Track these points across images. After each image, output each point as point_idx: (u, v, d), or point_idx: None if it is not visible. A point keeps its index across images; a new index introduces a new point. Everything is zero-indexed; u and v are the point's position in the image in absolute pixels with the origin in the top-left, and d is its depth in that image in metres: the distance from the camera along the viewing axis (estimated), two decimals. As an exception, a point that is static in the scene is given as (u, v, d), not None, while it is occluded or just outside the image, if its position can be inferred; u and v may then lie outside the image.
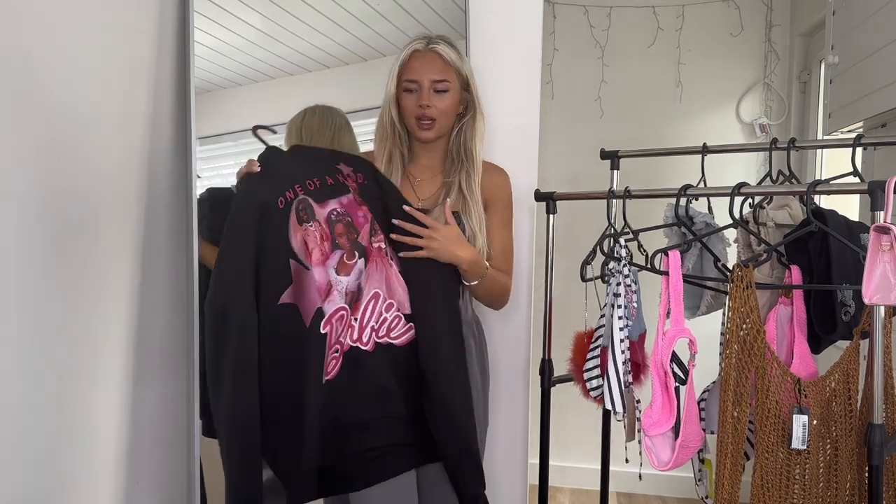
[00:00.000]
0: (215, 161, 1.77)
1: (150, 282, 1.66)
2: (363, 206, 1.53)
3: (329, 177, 1.52)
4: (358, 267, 1.49)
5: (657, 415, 1.40)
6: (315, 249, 1.46)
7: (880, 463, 1.29)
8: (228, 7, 1.75)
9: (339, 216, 1.50)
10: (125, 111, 1.59)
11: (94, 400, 1.52)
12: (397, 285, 1.53)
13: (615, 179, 2.05)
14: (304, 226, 1.46)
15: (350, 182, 1.53)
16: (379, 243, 1.53)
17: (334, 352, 1.47)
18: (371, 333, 1.50)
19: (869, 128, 2.10)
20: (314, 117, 1.83)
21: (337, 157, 1.57)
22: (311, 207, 1.48)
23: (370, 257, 1.51)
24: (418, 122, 1.60)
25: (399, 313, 1.53)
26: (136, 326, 1.62)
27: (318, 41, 1.84)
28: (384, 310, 1.52)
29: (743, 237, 1.79)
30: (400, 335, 1.53)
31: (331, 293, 1.46)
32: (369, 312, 1.50)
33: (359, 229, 1.51)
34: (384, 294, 1.52)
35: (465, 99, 1.65)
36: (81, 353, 1.48)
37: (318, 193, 1.49)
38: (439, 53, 1.60)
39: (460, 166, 1.65)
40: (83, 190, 1.47)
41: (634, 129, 3.17)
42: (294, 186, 1.48)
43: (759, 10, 3.19)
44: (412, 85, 1.59)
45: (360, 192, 1.54)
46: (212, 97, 1.73)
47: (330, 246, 1.48)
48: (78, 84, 1.44)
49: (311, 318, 1.44)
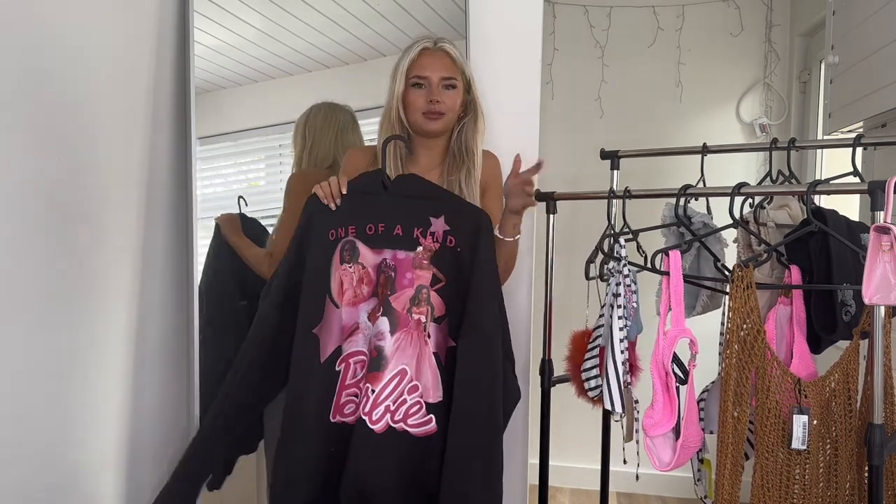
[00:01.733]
0: (215, 161, 1.77)
1: (150, 282, 1.66)
2: (426, 270, 1.45)
3: (402, 227, 1.45)
4: (381, 328, 1.42)
5: (658, 415, 1.39)
6: (349, 290, 1.44)
7: (880, 463, 1.29)
8: (228, 7, 1.75)
9: (385, 267, 1.45)
10: (125, 111, 1.58)
11: (94, 400, 1.52)
12: (427, 368, 1.43)
13: (615, 179, 2.05)
14: (343, 266, 1.44)
15: (427, 241, 1.45)
16: (420, 315, 1.43)
17: (352, 394, 1.43)
18: (385, 413, 1.40)
19: (869, 128, 2.10)
20: (318, 115, 1.83)
21: (439, 209, 1.46)
22: (357, 251, 1.45)
23: (403, 326, 1.43)
24: (426, 116, 1.59)
25: (421, 399, 1.42)
26: (136, 326, 1.62)
27: (317, 41, 1.84)
28: (406, 391, 1.42)
29: (743, 237, 1.79)
30: (417, 425, 1.42)
31: (354, 335, 1.44)
32: (390, 389, 1.41)
33: (396, 289, 1.44)
34: (411, 373, 1.42)
35: (466, 100, 1.66)
36: (81, 352, 1.48)
37: (375, 239, 1.46)
38: (448, 52, 1.63)
39: (461, 164, 1.65)
40: (83, 190, 1.47)
41: (634, 129, 3.17)
42: (348, 226, 1.45)
43: (759, 10, 3.19)
44: (421, 81, 1.60)
45: (436, 256, 1.44)
46: (212, 97, 1.73)
47: (369, 291, 1.45)
48: (78, 84, 1.44)
49: (327, 355, 1.43)
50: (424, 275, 1.44)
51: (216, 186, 1.78)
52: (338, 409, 1.44)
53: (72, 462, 1.46)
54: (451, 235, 1.45)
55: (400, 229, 1.45)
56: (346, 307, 1.44)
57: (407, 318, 1.43)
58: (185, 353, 1.72)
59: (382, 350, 1.42)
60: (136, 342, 1.62)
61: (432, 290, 1.44)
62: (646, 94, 3.26)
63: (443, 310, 1.45)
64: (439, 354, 1.44)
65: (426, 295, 1.44)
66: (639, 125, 3.20)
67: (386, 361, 1.42)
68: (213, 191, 1.76)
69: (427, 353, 1.43)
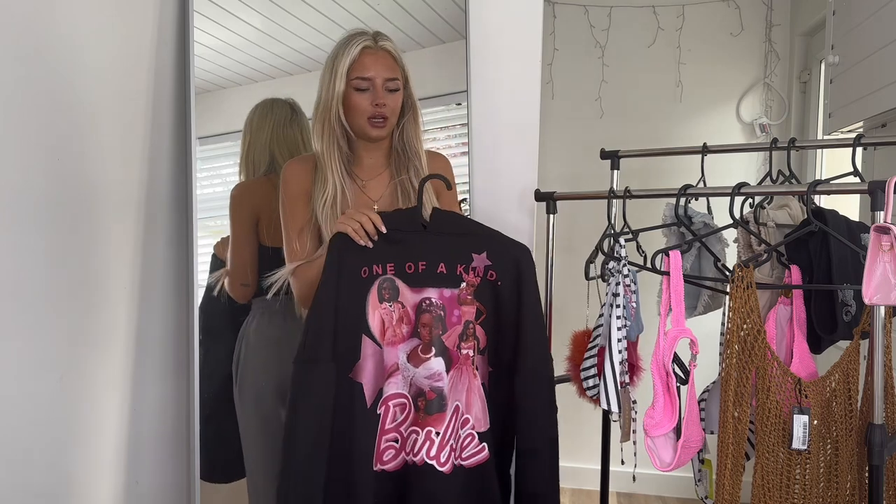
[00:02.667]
0: (215, 161, 1.77)
1: (150, 282, 1.66)
2: (470, 305, 1.44)
3: (445, 264, 1.44)
4: (436, 368, 1.41)
5: (659, 415, 1.39)
6: (389, 329, 1.42)
7: (880, 463, 1.29)
8: (228, 7, 1.75)
9: (430, 306, 1.43)
10: (125, 111, 1.59)
11: (95, 400, 1.52)
12: (476, 399, 1.43)
13: (615, 179, 2.05)
14: (383, 304, 1.42)
15: (469, 277, 1.44)
16: (468, 350, 1.43)
17: (391, 440, 1.41)
18: (450, 453, 1.40)
19: (869, 128, 2.10)
20: (255, 113, 1.79)
21: (481, 245, 1.45)
22: (397, 289, 1.42)
23: (455, 363, 1.43)
24: (370, 121, 1.51)
25: (473, 431, 1.43)
26: (136, 326, 1.62)
27: (317, 41, 1.83)
28: (460, 425, 1.43)
29: (743, 237, 1.79)
30: (470, 456, 1.43)
31: (394, 376, 1.41)
32: (451, 428, 1.41)
33: (447, 328, 1.43)
34: (463, 407, 1.43)
35: (405, 97, 1.58)
36: (82, 352, 1.48)
37: (415, 278, 1.43)
38: (389, 51, 1.54)
39: (408, 164, 1.59)
40: (83, 190, 1.47)
41: (634, 129, 3.17)
42: (386, 263, 1.42)
43: (759, 10, 3.19)
44: (364, 83, 1.50)
45: (478, 290, 1.44)
46: (212, 97, 1.73)
47: (409, 331, 1.43)
48: (78, 84, 1.44)
49: (372, 399, 1.41)
50: (469, 310, 1.45)
51: (216, 186, 1.78)
52: (378, 457, 1.41)
53: (72, 462, 1.46)
54: (492, 270, 1.45)
55: (444, 267, 1.44)
56: (386, 347, 1.42)
57: (457, 355, 1.43)
58: (185, 353, 1.72)
59: (442, 391, 1.41)
60: (136, 342, 1.62)
61: (476, 324, 1.45)
62: (646, 94, 3.26)
63: (485, 341, 1.46)
64: (485, 384, 1.46)
65: (472, 329, 1.45)
66: (639, 125, 3.20)
67: (446, 402, 1.41)
68: (213, 191, 1.76)
69: (476, 386, 1.44)
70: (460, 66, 1.93)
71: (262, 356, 1.75)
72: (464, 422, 1.43)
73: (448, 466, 1.40)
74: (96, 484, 1.54)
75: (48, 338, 1.39)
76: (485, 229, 1.50)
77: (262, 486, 1.74)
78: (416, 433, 1.40)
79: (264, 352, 1.75)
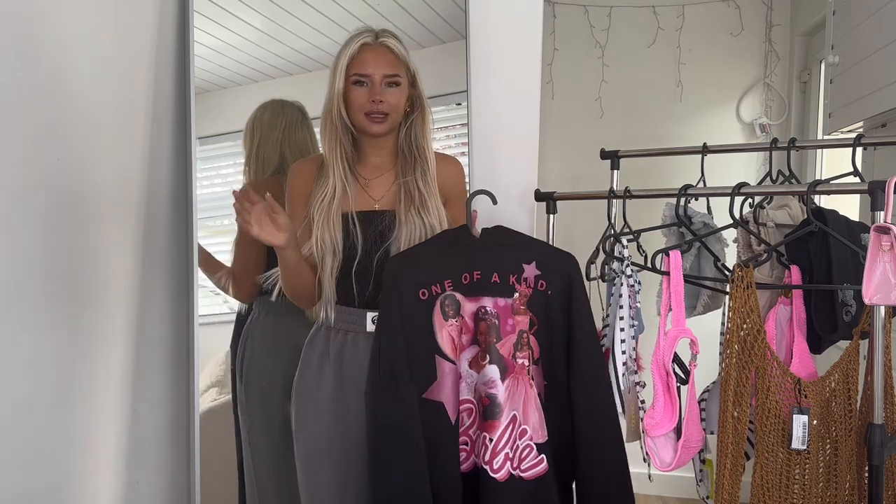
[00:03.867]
0: (215, 161, 1.77)
1: (150, 282, 1.66)
2: (524, 315, 1.45)
3: (498, 274, 1.45)
4: (491, 376, 1.42)
5: (659, 415, 1.39)
6: (458, 343, 1.44)
7: (880, 463, 1.29)
8: (228, 7, 1.75)
9: (485, 315, 1.44)
10: (125, 111, 1.59)
11: (95, 400, 1.52)
12: (534, 410, 1.43)
13: (615, 179, 2.05)
14: (448, 321, 1.43)
15: (522, 287, 1.45)
16: (524, 360, 1.44)
17: (463, 443, 1.44)
18: (505, 461, 1.40)
19: (869, 128, 2.10)
20: (265, 113, 1.79)
21: (530, 255, 1.46)
22: (457, 304, 1.44)
23: (511, 372, 1.43)
24: (369, 117, 1.50)
25: (531, 443, 1.43)
26: (136, 326, 1.62)
27: (317, 41, 1.84)
28: (518, 436, 1.43)
29: (743, 237, 1.79)
30: (529, 468, 1.42)
31: (460, 383, 1.44)
32: (507, 436, 1.41)
33: (501, 336, 1.44)
34: (520, 418, 1.43)
35: (412, 95, 1.57)
36: (82, 352, 1.48)
37: (471, 288, 1.44)
38: (390, 48, 1.53)
39: (414, 164, 1.58)
40: (83, 190, 1.47)
41: (634, 129, 3.17)
42: (444, 280, 1.44)
43: (759, 10, 3.19)
44: (363, 79, 1.50)
45: (531, 300, 1.45)
46: (212, 97, 1.73)
47: (469, 339, 1.44)
48: (78, 84, 1.44)
49: (455, 415, 1.43)
50: (523, 320, 1.45)
51: (216, 186, 1.78)
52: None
53: (72, 462, 1.46)
54: (542, 280, 1.45)
55: (497, 277, 1.44)
56: (458, 361, 1.44)
57: (513, 364, 1.43)
58: (185, 353, 1.72)
59: (495, 398, 1.41)
60: (136, 342, 1.62)
61: (530, 334, 1.45)
62: (646, 94, 3.26)
63: (538, 352, 1.46)
64: (540, 395, 1.46)
65: (526, 339, 1.45)
66: (639, 125, 3.20)
67: (500, 409, 1.41)
68: (213, 191, 1.76)
69: (532, 396, 1.44)
70: (460, 66, 1.93)
71: (269, 354, 1.76)
72: (521, 433, 1.43)
73: (502, 474, 1.40)
74: (96, 484, 1.54)
75: (48, 338, 1.39)
76: (531, 240, 1.52)
77: (267, 480, 1.74)
78: (482, 437, 1.42)
79: (270, 349, 1.76)
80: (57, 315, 1.41)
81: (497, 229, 1.50)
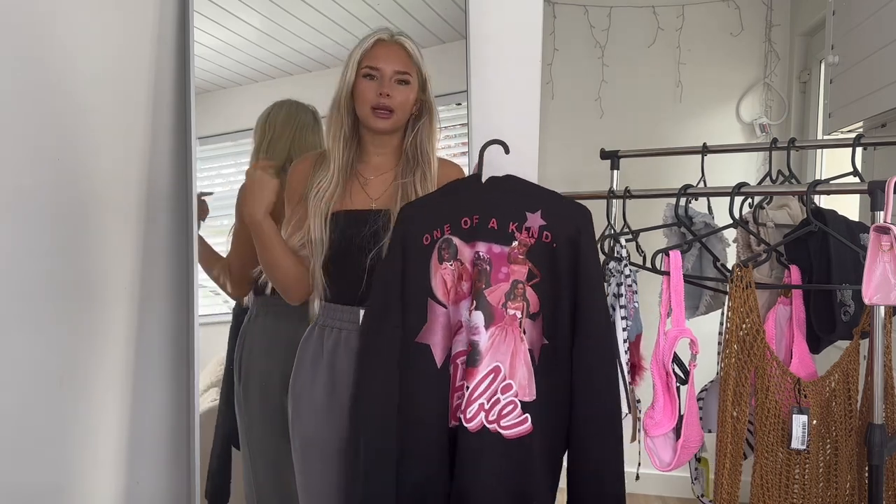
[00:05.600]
0: (215, 161, 1.77)
1: (150, 282, 1.66)
2: (521, 265, 1.40)
3: (497, 220, 1.40)
4: (476, 322, 1.37)
5: (659, 415, 1.39)
6: (452, 288, 1.41)
7: (880, 463, 1.29)
8: (228, 7, 1.75)
9: (478, 260, 1.40)
10: (125, 111, 1.59)
11: (95, 400, 1.52)
12: (522, 365, 1.37)
13: (615, 179, 2.05)
14: (443, 264, 1.41)
15: (523, 236, 1.39)
16: (516, 311, 1.38)
17: (458, 397, 1.39)
18: (479, 411, 1.35)
19: (869, 128, 2.10)
20: (280, 112, 1.79)
21: (535, 203, 1.41)
22: (454, 247, 1.41)
23: (498, 321, 1.38)
24: (374, 112, 1.51)
25: (516, 399, 1.36)
26: (136, 326, 1.62)
27: (317, 41, 1.84)
28: (500, 390, 1.36)
29: (743, 237, 1.79)
30: (511, 426, 1.36)
31: (459, 334, 1.40)
32: (484, 386, 1.36)
33: (491, 283, 1.39)
34: (505, 371, 1.36)
35: (421, 100, 1.58)
36: (82, 352, 1.48)
37: (469, 232, 1.41)
38: (404, 46, 1.56)
39: (415, 167, 1.58)
40: (83, 190, 1.47)
41: (634, 129, 3.17)
42: (444, 225, 1.41)
43: (759, 10, 3.19)
44: (374, 72, 1.52)
45: (530, 251, 1.39)
46: (212, 97, 1.73)
47: (469, 287, 1.41)
48: (78, 84, 1.45)
49: (442, 360, 1.40)
50: (520, 270, 1.39)
51: (216, 186, 1.78)
52: (452, 413, 1.40)
53: (72, 462, 1.46)
54: (548, 231, 1.39)
55: (495, 223, 1.40)
56: (451, 306, 1.42)
57: (502, 314, 1.38)
58: (185, 353, 1.72)
59: (477, 345, 1.36)
60: (136, 342, 1.62)
61: (528, 286, 1.40)
62: (646, 94, 3.26)
63: (537, 306, 1.40)
64: (533, 352, 1.40)
65: (522, 290, 1.39)
66: (639, 125, 3.20)
67: (480, 357, 1.36)
68: (213, 191, 1.76)
69: (522, 350, 1.38)
70: (460, 66, 1.93)
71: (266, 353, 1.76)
72: (505, 387, 1.36)
73: (474, 424, 1.35)
74: (96, 484, 1.54)
75: (48, 338, 1.39)
76: (540, 189, 1.46)
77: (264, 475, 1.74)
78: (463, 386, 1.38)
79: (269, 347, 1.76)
80: (57, 315, 1.41)
81: (506, 177, 1.46)
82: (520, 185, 1.45)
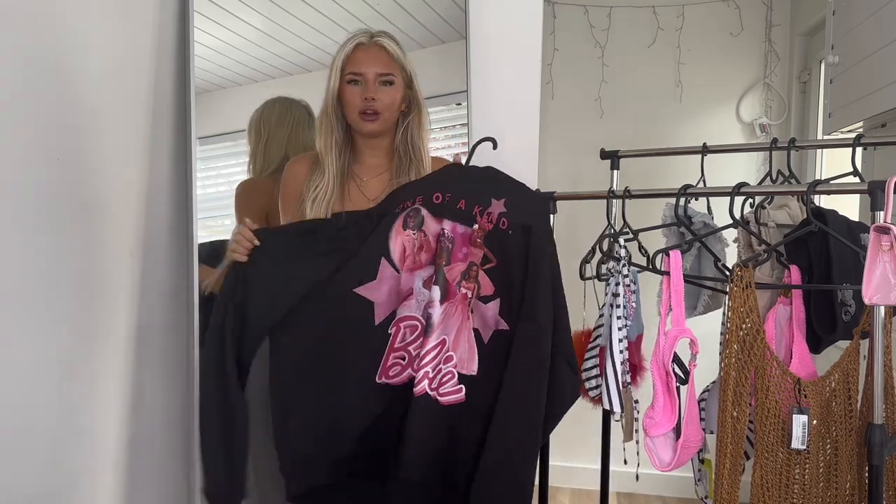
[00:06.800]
0: (215, 161, 1.77)
1: (150, 282, 1.66)
2: (477, 248, 1.47)
3: (465, 201, 1.48)
4: (432, 296, 1.45)
5: (659, 415, 1.39)
6: (410, 256, 1.47)
7: (880, 463, 1.29)
8: (228, 7, 1.75)
9: (442, 237, 1.47)
10: (125, 111, 1.59)
11: (95, 400, 1.52)
12: (464, 341, 1.46)
13: (615, 179, 2.05)
14: (406, 231, 1.47)
15: (484, 221, 1.47)
16: (468, 291, 1.46)
17: (399, 357, 1.47)
18: (423, 378, 1.44)
19: (869, 128, 2.10)
20: (273, 110, 1.79)
21: (501, 191, 1.47)
22: (421, 218, 1.47)
23: (451, 298, 1.46)
24: (362, 115, 1.54)
25: (454, 370, 1.46)
26: (136, 326, 1.62)
27: (317, 41, 1.84)
28: (443, 360, 1.46)
29: (743, 237, 1.79)
30: (447, 393, 1.46)
31: (408, 300, 1.47)
32: (432, 356, 1.45)
33: (451, 261, 1.46)
34: (449, 343, 1.46)
35: (408, 96, 1.60)
36: (82, 352, 1.48)
37: (440, 208, 1.48)
38: (384, 47, 1.57)
39: (409, 165, 1.60)
40: (83, 190, 1.47)
41: (634, 129, 3.18)
42: (416, 196, 1.48)
43: (759, 10, 3.19)
44: (357, 77, 1.54)
45: (488, 236, 1.46)
46: (212, 97, 1.73)
47: (428, 259, 1.47)
48: (78, 84, 1.44)
49: (382, 318, 1.47)
50: (477, 252, 1.47)
51: (216, 186, 1.78)
52: (384, 371, 1.48)
53: (71, 462, 1.46)
54: (506, 218, 1.46)
55: (463, 203, 1.47)
56: (405, 273, 1.47)
57: (455, 291, 1.46)
58: (185, 353, 1.72)
59: (430, 318, 1.45)
60: (137, 342, 1.62)
61: (482, 269, 1.47)
62: (646, 94, 3.26)
63: (490, 290, 1.48)
64: (479, 331, 1.48)
65: (475, 272, 1.47)
66: (639, 125, 3.20)
67: (432, 329, 1.45)
68: (213, 191, 1.76)
69: (466, 327, 1.46)
70: (460, 66, 1.93)
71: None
72: (447, 358, 1.46)
73: (418, 389, 1.44)
74: (96, 484, 1.54)
75: (48, 338, 1.39)
76: (511, 180, 1.52)
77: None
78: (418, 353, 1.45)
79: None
80: (57, 315, 1.41)
81: (487, 167, 1.53)
82: (494, 174, 1.52)
